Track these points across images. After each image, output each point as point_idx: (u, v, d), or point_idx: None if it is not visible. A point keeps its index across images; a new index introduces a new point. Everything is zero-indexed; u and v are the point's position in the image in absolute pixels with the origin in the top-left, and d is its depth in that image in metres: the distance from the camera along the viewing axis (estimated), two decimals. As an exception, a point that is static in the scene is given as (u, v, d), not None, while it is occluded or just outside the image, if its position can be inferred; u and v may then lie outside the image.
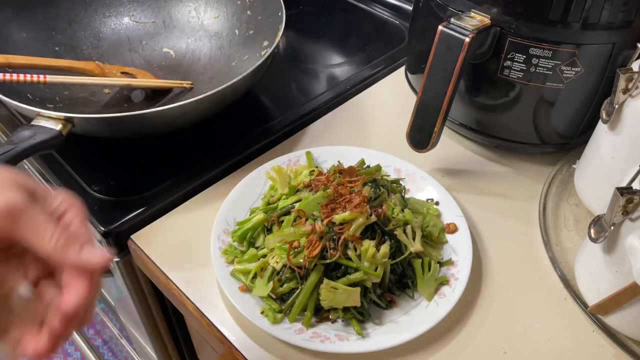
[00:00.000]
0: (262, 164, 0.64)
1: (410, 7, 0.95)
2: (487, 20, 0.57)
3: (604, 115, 0.55)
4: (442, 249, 0.58)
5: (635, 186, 0.46)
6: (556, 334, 0.52)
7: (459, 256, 0.56)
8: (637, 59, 0.54)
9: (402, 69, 0.82)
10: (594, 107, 0.61)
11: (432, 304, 0.52)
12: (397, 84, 0.82)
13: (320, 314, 0.52)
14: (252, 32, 0.82)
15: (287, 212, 0.56)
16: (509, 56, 0.58)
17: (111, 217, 0.60)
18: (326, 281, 0.50)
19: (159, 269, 0.57)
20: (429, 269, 0.54)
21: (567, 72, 0.58)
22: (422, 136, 0.62)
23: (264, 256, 0.54)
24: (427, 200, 0.62)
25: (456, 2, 0.60)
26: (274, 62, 0.71)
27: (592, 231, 0.49)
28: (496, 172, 0.69)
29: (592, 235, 0.49)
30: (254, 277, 0.53)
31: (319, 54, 0.90)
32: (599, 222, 0.49)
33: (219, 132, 0.72)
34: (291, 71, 0.86)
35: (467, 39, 0.55)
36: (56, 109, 0.68)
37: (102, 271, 0.33)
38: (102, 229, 0.59)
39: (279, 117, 0.75)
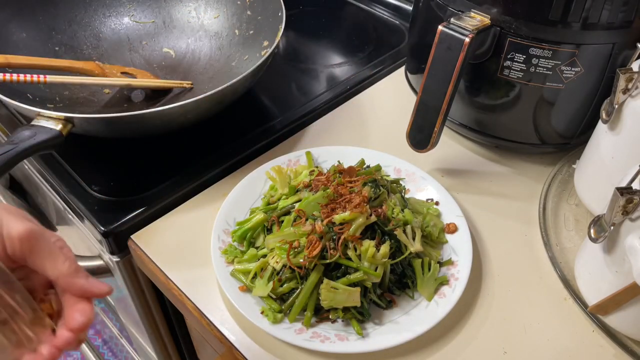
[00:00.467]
0: (262, 164, 0.64)
1: (410, 7, 0.95)
2: (487, 20, 0.57)
3: (604, 115, 0.55)
4: (442, 249, 0.58)
5: (635, 186, 0.46)
6: (556, 334, 0.52)
7: (459, 256, 0.56)
8: (637, 59, 0.54)
9: (402, 69, 0.82)
10: (594, 107, 0.61)
11: (432, 304, 0.52)
12: (397, 84, 0.82)
13: (320, 314, 0.52)
14: (252, 32, 0.82)
15: (287, 212, 0.56)
16: (509, 56, 0.58)
17: (111, 217, 0.60)
18: (326, 281, 0.50)
19: (159, 269, 0.58)
20: (429, 269, 0.54)
21: (567, 72, 0.58)
22: (422, 136, 0.62)
23: (264, 256, 0.54)
24: (427, 200, 0.62)
25: (456, 2, 0.60)
26: (274, 62, 0.71)
27: (592, 231, 0.49)
28: (496, 172, 0.69)
29: (592, 235, 0.49)
30: (254, 277, 0.53)
31: (319, 54, 0.90)
32: (599, 222, 0.49)
33: (219, 132, 0.72)
34: (291, 71, 0.86)
35: (467, 39, 0.55)
36: (56, 109, 0.68)
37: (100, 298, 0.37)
38: (102, 229, 0.59)
39: (279, 117, 0.75)
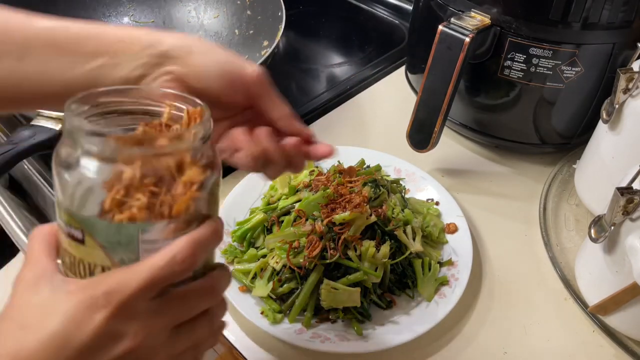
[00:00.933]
0: (262, 164, 0.64)
1: (410, 7, 0.95)
2: (487, 20, 0.57)
3: (604, 115, 0.55)
4: (442, 249, 0.58)
5: (635, 186, 0.46)
6: (556, 334, 0.52)
7: (459, 256, 0.56)
8: (637, 59, 0.54)
9: (402, 69, 0.82)
10: (594, 107, 0.61)
11: (432, 304, 0.52)
12: (397, 84, 0.82)
13: (320, 314, 0.52)
14: (252, 32, 0.82)
15: (287, 212, 0.56)
16: (509, 56, 0.58)
17: (111, 217, 0.60)
18: (326, 281, 0.50)
19: (159, 269, 0.57)
20: (429, 269, 0.54)
21: (567, 72, 0.58)
22: (422, 136, 0.62)
23: (264, 256, 0.54)
24: (427, 200, 0.62)
25: (456, 2, 0.60)
26: (273, 62, 0.71)
27: (592, 231, 0.49)
28: (496, 172, 0.69)
29: (592, 235, 0.49)
30: (254, 277, 0.53)
31: (319, 54, 0.90)
32: (599, 222, 0.49)
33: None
34: (291, 71, 0.86)
35: (467, 39, 0.55)
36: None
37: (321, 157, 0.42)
38: (102, 229, 0.59)
39: (279, 117, 0.75)
